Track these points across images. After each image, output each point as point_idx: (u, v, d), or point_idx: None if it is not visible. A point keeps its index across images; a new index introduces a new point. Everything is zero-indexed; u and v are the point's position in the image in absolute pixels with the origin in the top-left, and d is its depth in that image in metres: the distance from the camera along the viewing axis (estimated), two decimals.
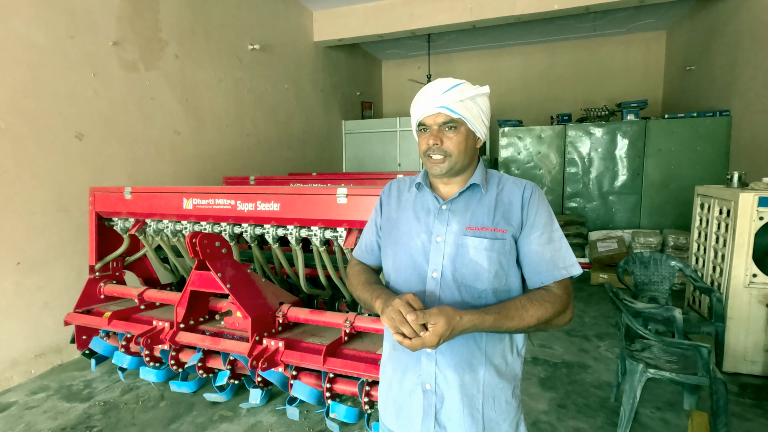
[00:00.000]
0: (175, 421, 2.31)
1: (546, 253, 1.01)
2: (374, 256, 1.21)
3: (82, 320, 2.57)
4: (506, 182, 1.09)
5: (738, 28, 4.95)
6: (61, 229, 2.99)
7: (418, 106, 1.05)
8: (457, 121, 1.01)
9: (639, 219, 5.44)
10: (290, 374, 2.14)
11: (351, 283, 1.18)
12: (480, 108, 1.04)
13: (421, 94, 1.06)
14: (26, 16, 2.76)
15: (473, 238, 1.01)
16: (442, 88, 1.02)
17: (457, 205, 1.06)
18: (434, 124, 1.02)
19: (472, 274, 1.00)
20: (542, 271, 1.01)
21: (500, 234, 1.01)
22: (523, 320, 0.95)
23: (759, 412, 2.35)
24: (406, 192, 1.16)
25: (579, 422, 2.26)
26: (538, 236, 1.02)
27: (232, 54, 4.64)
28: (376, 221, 1.20)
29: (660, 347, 2.24)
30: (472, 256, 1.00)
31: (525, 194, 1.05)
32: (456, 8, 5.57)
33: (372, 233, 1.20)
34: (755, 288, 2.71)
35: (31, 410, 2.46)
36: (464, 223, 1.03)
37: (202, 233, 2.12)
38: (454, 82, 1.03)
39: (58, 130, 2.95)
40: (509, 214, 1.03)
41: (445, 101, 1.00)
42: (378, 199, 1.22)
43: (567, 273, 1.01)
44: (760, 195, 2.66)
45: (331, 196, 2.10)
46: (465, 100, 1.01)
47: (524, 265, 1.03)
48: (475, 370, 1.01)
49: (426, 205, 1.09)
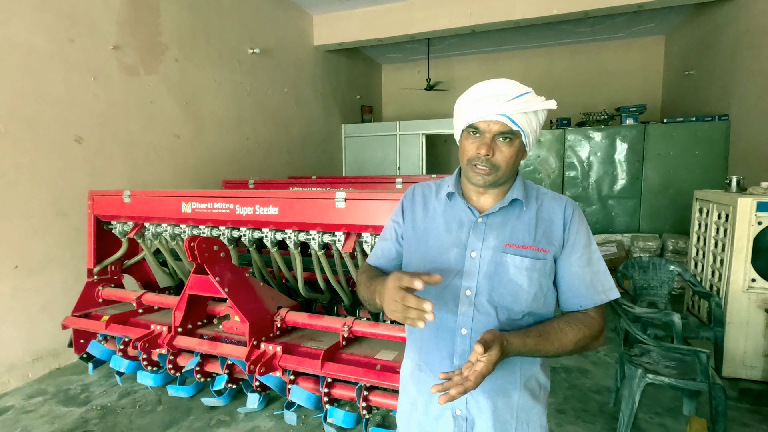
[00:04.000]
0: (172, 426, 2.30)
1: (586, 276, 0.96)
2: (391, 263, 1.10)
3: (79, 324, 2.57)
4: (545, 197, 1.01)
5: (736, 33, 4.97)
6: (59, 232, 2.99)
7: (476, 107, 0.92)
8: (515, 134, 0.92)
9: (638, 223, 5.45)
10: (288, 379, 2.13)
11: (358, 283, 1.08)
12: (539, 122, 0.95)
13: (481, 94, 0.93)
14: (27, 20, 2.77)
15: (514, 256, 0.93)
16: (509, 93, 0.91)
17: (494, 219, 0.98)
18: (489, 131, 0.92)
19: (510, 295, 0.93)
20: (581, 295, 0.96)
21: (542, 254, 0.94)
22: (562, 344, 0.90)
23: (758, 417, 2.34)
24: (432, 199, 1.07)
25: (578, 427, 2.25)
26: (578, 258, 0.96)
27: (232, 58, 4.66)
28: (395, 228, 1.09)
29: (659, 352, 2.23)
30: (512, 275, 0.93)
31: (567, 212, 0.98)
32: (455, 13, 5.59)
33: (391, 239, 1.10)
34: (754, 293, 2.71)
35: (27, 414, 2.45)
36: (503, 239, 0.95)
37: (200, 237, 2.12)
38: (521, 89, 0.92)
39: (57, 134, 2.95)
40: (550, 232, 0.97)
41: (509, 110, 0.89)
42: (399, 205, 1.11)
43: (606, 297, 0.96)
44: (758, 200, 2.66)
45: (329, 200, 2.10)
46: (529, 112, 0.91)
47: (562, 287, 0.98)
48: (509, 395, 0.95)
49: (458, 217, 1.00)
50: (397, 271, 0.82)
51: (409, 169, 7.17)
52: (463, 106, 0.97)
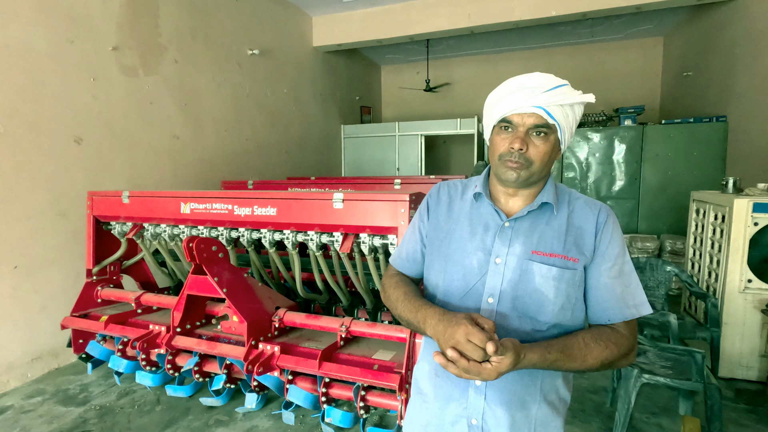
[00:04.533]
0: (170, 426, 2.31)
1: (617, 288, 0.90)
2: (417, 266, 1.07)
3: (78, 324, 2.58)
4: (577, 202, 0.96)
5: (734, 34, 4.99)
6: (58, 233, 3.00)
7: (509, 100, 0.88)
8: (551, 128, 0.88)
9: (636, 224, 5.46)
10: (286, 379, 2.14)
11: (388, 296, 1.03)
12: (575, 117, 0.91)
13: (515, 87, 0.89)
14: (26, 20, 2.78)
15: (541, 264, 0.89)
16: (544, 85, 0.87)
17: (522, 223, 0.93)
18: (523, 125, 0.88)
19: (535, 305, 0.89)
20: (610, 308, 0.91)
21: (571, 263, 0.89)
22: (586, 362, 0.85)
23: (754, 417, 2.36)
24: (458, 199, 1.02)
25: (575, 427, 2.26)
26: (609, 268, 0.91)
27: (231, 59, 4.67)
28: (419, 228, 1.05)
29: (655, 352, 2.24)
30: (537, 284, 0.89)
31: (600, 219, 0.93)
32: (454, 14, 5.61)
33: (415, 240, 1.06)
34: (750, 293, 2.72)
35: (26, 414, 2.46)
36: (530, 245, 0.91)
37: (199, 237, 2.13)
38: (557, 81, 0.88)
39: (56, 135, 2.96)
40: (581, 240, 0.91)
41: (544, 101, 0.85)
42: (423, 204, 1.07)
43: (637, 312, 0.91)
44: (754, 201, 2.68)
45: (327, 201, 2.11)
46: (566, 105, 0.87)
47: (590, 299, 0.93)
48: (527, 408, 0.91)
49: (484, 219, 0.96)
50: (468, 321, 0.79)
51: (408, 170, 7.19)
52: (494, 101, 0.92)
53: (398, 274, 1.08)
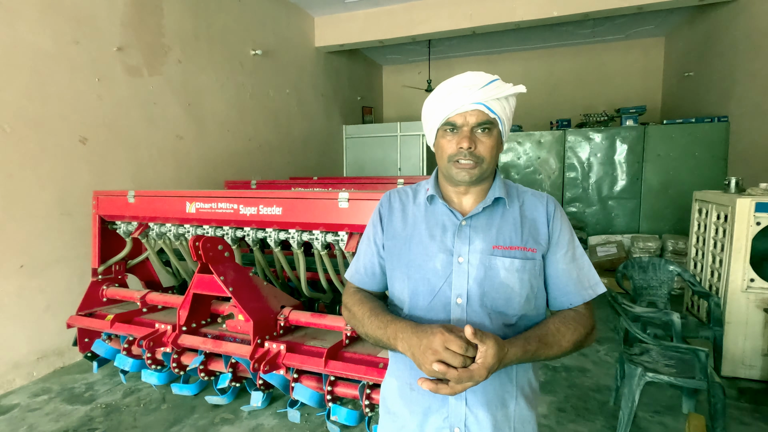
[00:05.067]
0: (176, 424, 2.33)
1: (572, 272, 0.95)
2: (377, 280, 1.05)
3: (85, 323, 2.59)
4: (525, 195, 1.00)
5: (736, 35, 5.00)
6: (63, 232, 3.01)
7: (449, 102, 0.89)
8: (493, 122, 0.90)
9: (638, 224, 5.47)
10: (291, 377, 2.16)
11: (353, 314, 0.99)
12: (511, 108, 0.94)
13: (451, 88, 0.91)
14: (33, 21, 2.80)
15: (503, 258, 0.91)
16: (479, 82, 0.89)
17: (478, 220, 0.94)
18: (466, 124, 0.89)
19: (502, 299, 0.90)
20: (570, 292, 0.95)
21: (531, 254, 0.92)
22: (561, 347, 0.88)
23: (757, 416, 2.37)
24: (411, 205, 1.02)
25: (579, 426, 2.28)
26: (564, 255, 0.95)
27: (234, 59, 4.69)
28: (374, 240, 1.03)
29: (658, 351, 2.26)
30: (503, 278, 0.90)
31: (549, 209, 0.97)
32: (456, 15, 5.62)
33: (372, 253, 1.04)
34: (753, 293, 2.73)
35: (33, 412, 2.47)
36: (490, 241, 0.92)
37: (205, 236, 2.15)
38: (489, 76, 0.90)
39: (62, 134, 2.98)
40: (536, 231, 0.95)
41: (482, 97, 0.87)
42: (375, 214, 1.05)
43: (594, 293, 0.95)
44: (757, 200, 2.69)
45: (332, 200, 2.12)
46: (501, 98, 0.90)
47: (550, 286, 0.97)
48: (506, 406, 0.92)
49: (441, 221, 0.96)
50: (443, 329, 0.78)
51: (409, 170, 7.20)
52: (433, 106, 0.94)
53: (359, 291, 1.05)
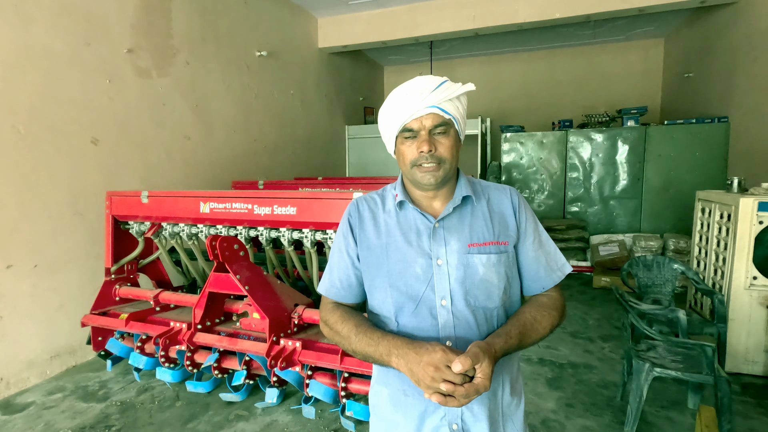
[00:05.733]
0: (192, 420, 2.36)
1: (541, 258, 0.99)
2: (353, 292, 1.03)
3: (99, 322, 2.62)
4: (490, 190, 1.03)
5: (735, 36, 5.06)
6: (76, 232, 3.05)
7: (403, 108, 0.91)
8: (448, 123, 0.92)
9: (640, 223, 5.53)
10: (306, 374, 2.20)
11: (337, 331, 0.97)
12: (464, 107, 0.96)
13: (403, 94, 0.92)
14: (47, 24, 2.83)
15: (480, 255, 0.93)
16: (429, 86, 0.90)
17: (450, 221, 0.96)
18: (423, 128, 0.91)
19: (484, 295, 0.93)
20: (541, 278, 0.99)
21: (503, 246, 0.96)
22: (539, 334, 0.92)
23: (761, 410, 2.42)
24: (381, 212, 1.01)
25: (587, 420, 2.32)
26: (531, 243, 0.99)
27: (240, 60, 4.72)
28: (347, 251, 1.01)
29: (665, 347, 2.30)
30: (483, 275, 0.93)
31: (513, 201, 1.01)
32: (459, 16, 5.67)
33: (346, 265, 1.02)
34: (756, 290, 2.78)
35: (49, 410, 2.50)
36: (465, 240, 0.94)
37: (222, 236, 2.19)
38: (438, 79, 0.92)
39: (74, 136, 3.01)
40: (504, 223, 0.98)
41: (435, 100, 0.89)
42: (344, 224, 1.03)
43: (562, 274, 1.00)
44: (759, 200, 2.74)
45: (346, 200, 2.16)
46: (454, 98, 0.92)
47: (523, 274, 1.01)
48: (495, 394, 0.95)
49: (414, 225, 0.97)
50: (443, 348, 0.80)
51: None
52: (388, 113, 0.95)
53: (339, 307, 1.02)
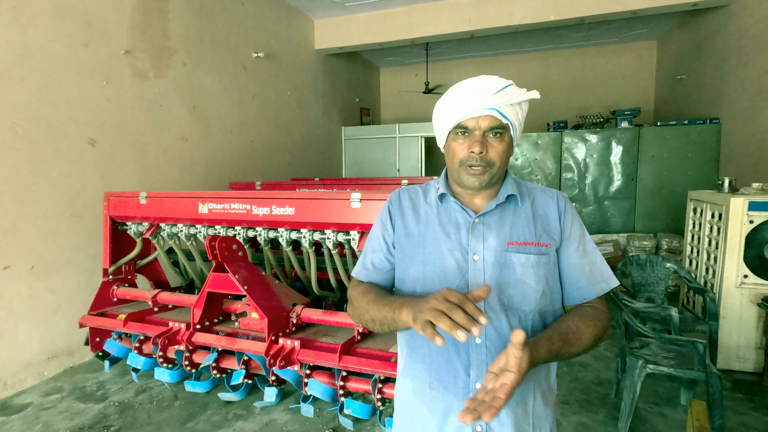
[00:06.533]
0: (191, 420, 2.37)
1: (585, 267, 0.95)
2: (386, 275, 1.03)
3: (97, 322, 2.63)
4: (536, 191, 1.01)
5: (726, 39, 5.14)
6: (73, 233, 3.05)
7: (462, 105, 0.89)
8: (505, 128, 0.90)
9: (633, 223, 5.59)
10: (304, 373, 2.21)
11: (357, 305, 0.97)
12: (523, 114, 0.94)
13: (464, 92, 0.90)
14: (44, 25, 2.83)
15: (518, 254, 0.91)
16: (493, 87, 0.89)
17: (491, 218, 0.94)
18: (479, 128, 0.89)
19: (519, 295, 0.90)
20: (584, 287, 0.95)
21: (545, 248, 0.92)
22: (581, 344, 0.87)
23: (751, 405, 2.47)
24: (422, 203, 1.02)
25: (582, 417, 2.36)
26: (575, 249, 0.96)
27: (237, 62, 4.74)
28: (383, 237, 1.02)
29: (658, 344, 2.35)
30: (519, 274, 0.90)
31: (560, 204, 0.98)
32: (455, 18, 5.71)
33: (380, 249, 1.02)
34: (746, 288, 2.84)
35: (47, 411, 2.50)
36: (504, 237, 0.92)
37: (221, 236, 2.20)
38: (504, 81, 0.90)
39: (71, 137, 3.02)
40: (548, 226, 0.96)
41: (496, 103, 0.87)
42: (384, 212, 1.04)
43: (607, 287, 0.96)
44: (750, 199, 2.79)
45: (345, 200, 2.19)
46: (515, 104, 0.90)
47: (564, 281, 0.97)
48: (525, 402, 0.91)
49: (454, 219, 0.96)
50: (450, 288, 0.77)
51: (408, 171, 7.28)
52: (446, 108, 0.93)
53: (363, 282, 1.03)
